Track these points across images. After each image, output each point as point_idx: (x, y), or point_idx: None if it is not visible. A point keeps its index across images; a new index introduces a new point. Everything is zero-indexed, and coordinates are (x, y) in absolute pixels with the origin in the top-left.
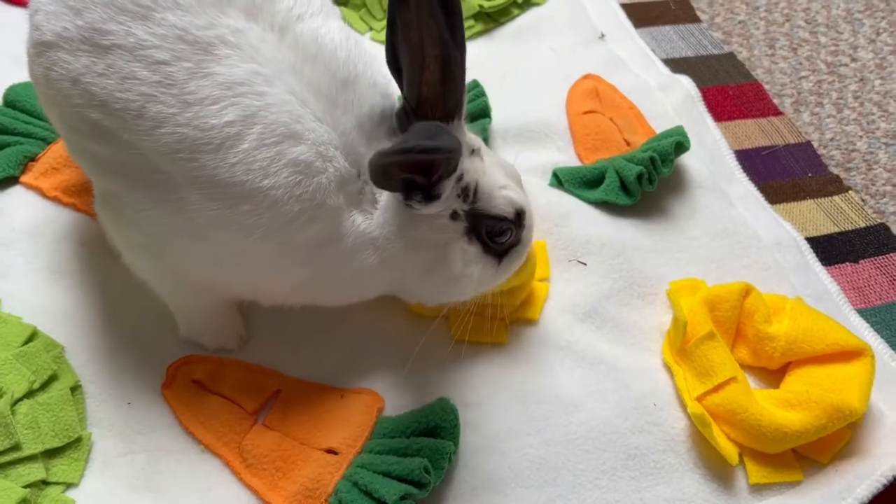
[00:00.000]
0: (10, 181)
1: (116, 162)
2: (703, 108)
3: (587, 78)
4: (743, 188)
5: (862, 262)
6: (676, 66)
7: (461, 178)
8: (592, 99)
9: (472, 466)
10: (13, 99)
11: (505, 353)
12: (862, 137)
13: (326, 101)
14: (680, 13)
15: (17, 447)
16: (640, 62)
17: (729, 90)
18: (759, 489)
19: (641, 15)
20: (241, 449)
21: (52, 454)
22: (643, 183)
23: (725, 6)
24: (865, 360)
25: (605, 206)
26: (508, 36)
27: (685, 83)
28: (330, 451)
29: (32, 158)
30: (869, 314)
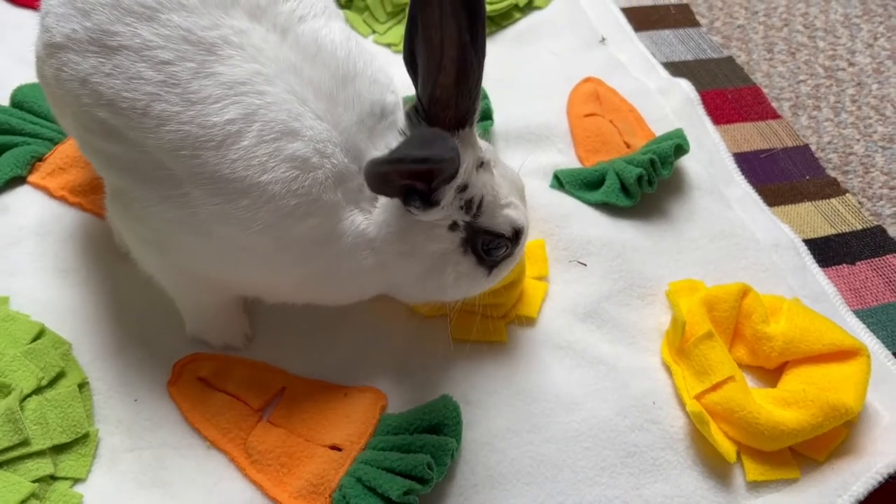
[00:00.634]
0: (17, 181)
1: (124, 159)
2: (702, 111)
3: (588, 81)
4: (741, 190)
5: (859, 263)
6: (676, 69)
7: (465, 189)
8: (593, 102)
9: (473, 463)
10: (20, 100)
11: (506, 352)
12: (859, 141)
13: (326, 98)
14: (680, 17)
15: (25, 443)
16: (640, 66)
17: (728, 94)
18: (756, 486)
19: (641, 19)
20: (246, 445)
21: (59, 450)
22: (643, 185)
23: (725, 11)
24: (861, 359)
25: (605, 207)
26: (510, 39)
27: (685, 87)
28: (334, 447)
29: (39, 158)
30: (865, 315)
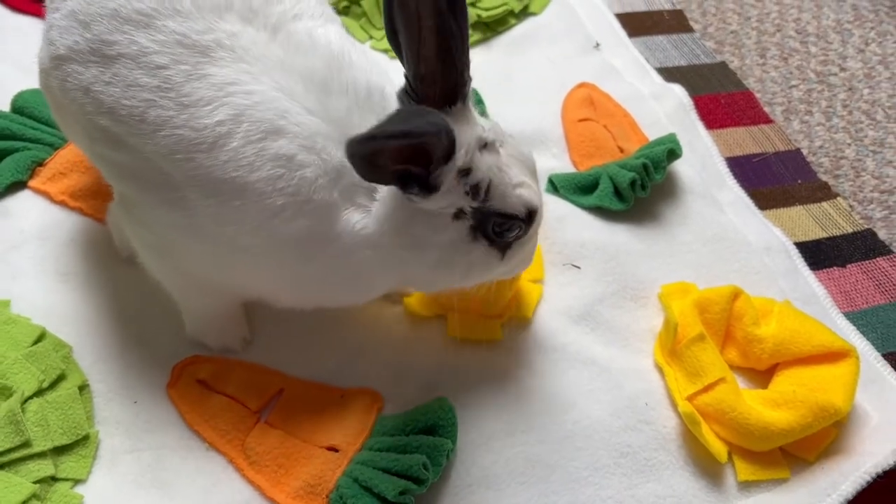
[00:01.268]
0: (18, 186)
1: (127, 166)
2: (695, 116)
3: (582, 86)
4: (733, 194)
5: (849, 266)
6: (669, 74)
7: (469, 172)
8: (587, 107)
9: (468, 463)
10: (21, 105)
11: (501, 354)
12: (850, 145)
13: (319, 88)
14: (673, 23)
15: (27, 444)
16: (633, 71)
17: (721, 98)
18: (747, 486)
19: (635, 25)
20: (244, 447)
21: (60, 451)
22: (636, 189)
23: (718, 16)
24: (850, 361)
25: (599, 211)
26: (505, 45)
27: (678, 92)
28: (331, 448)
29: (40, 163)
30: (855, 317)
